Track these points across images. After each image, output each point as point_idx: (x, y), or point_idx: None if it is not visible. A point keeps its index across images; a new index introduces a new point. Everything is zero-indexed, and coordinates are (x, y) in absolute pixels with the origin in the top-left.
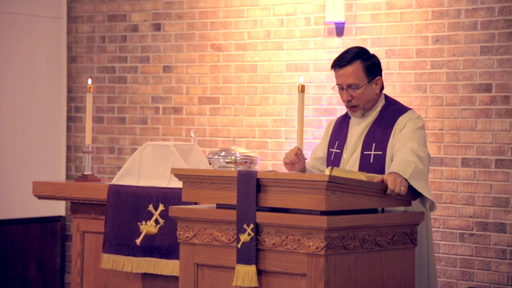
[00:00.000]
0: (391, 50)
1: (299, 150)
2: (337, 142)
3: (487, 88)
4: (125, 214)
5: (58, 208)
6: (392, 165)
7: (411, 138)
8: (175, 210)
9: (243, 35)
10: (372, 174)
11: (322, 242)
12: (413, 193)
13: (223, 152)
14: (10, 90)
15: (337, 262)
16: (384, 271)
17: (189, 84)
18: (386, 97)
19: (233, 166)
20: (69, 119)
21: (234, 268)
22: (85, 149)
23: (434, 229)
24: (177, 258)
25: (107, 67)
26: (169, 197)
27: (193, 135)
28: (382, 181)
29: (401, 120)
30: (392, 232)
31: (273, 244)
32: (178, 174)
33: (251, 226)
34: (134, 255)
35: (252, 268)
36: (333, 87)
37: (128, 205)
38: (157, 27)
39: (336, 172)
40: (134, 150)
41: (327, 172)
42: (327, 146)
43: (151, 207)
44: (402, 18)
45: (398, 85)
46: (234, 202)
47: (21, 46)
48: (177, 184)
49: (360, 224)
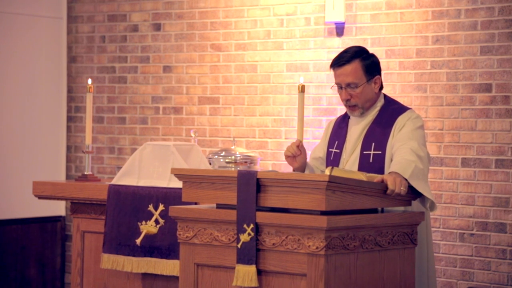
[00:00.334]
0: (391, 50)
1: (301, 143)
2: (337, 142)
3: (487, 88)
4: (125, 214)
5: (58, 208)
6: (392, 165)
7: (411, 138)
8: (175, 210)
9: (243, 35)
10: (372, 174)
11: (322, 242)
12: (413, 193)
13: (223, 152)
14: (10, 90)
15: (337, 262)
16: (384, 271)
17: (189, 84)
18: (385, 97)
19: (233, 166)
20: (69, 119)
21: (234, 268)
22: (85, 149)
23: (434, 229)
24: (177, 258)
25: (107, 67)
26: (169, 197)
27: (193, 135)
28: (382, 181)
29: (400, 120)
30: (392, 232)
31: (273, 244)
32: (178, 174)
33: (251, 226)
34: (134, 255)
35: (252, 268)
36: (332, 86)
37: (128, 205)
38: (157, 27)
39: (336, 172)
40: (134, 150)
41: (327, 172)
42: (327, 146)
43: (151, 207)
44: (402, 18)
45: (398, 85)
46: (234, 202)
47: (21, 46)
48: (177, 184)
49: (360, 224)
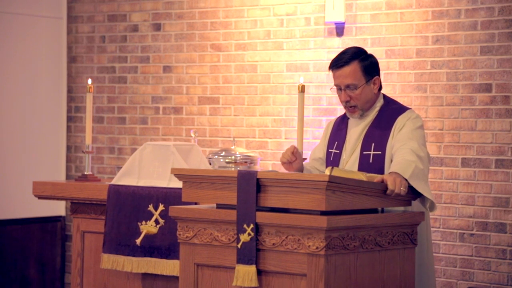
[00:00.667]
0: (391, 50)
1: (295, 149)
2: (336, 143)
3: (487, 88)
4: (125, 214)
5: (58, 208)
6: (392, 165)
7: (411, 138)
8: (175, 210)
9: (243, 35)
10: (372, 174)
11: (322, 242)
12: (413, 193)
13: (223, 152)
14: (10, 90)
15: (337, 262)
16: (384, 271)
17: (189, 84)
18: (385, 97)
19: (233, 166)
20: (69, 119)
21: (234, 268)
22: (85, 149)
23: (434, 229)
24: (177, 258)
25: (107, 67)
26: (169, 197)
27: (193, 135)
28: (382, 181)
29: (400, 120)
30: (392, 232)
31: (273, 244)
32: (178, 174)
33: (251, 226)
34: (134, 255)
35: (252, 268)
36: (331, 88)
37: (128, 205)
38: (157, 27)
39: (336, 172)
40: (134, 150)
41: (327, 172)
42: (326, 147)
43: (151, 207)
44: (402, 18)
45: (398, 85)
46: (234, 202)
47: (21, 46)
48: (177, 184)
49: (360, 224)
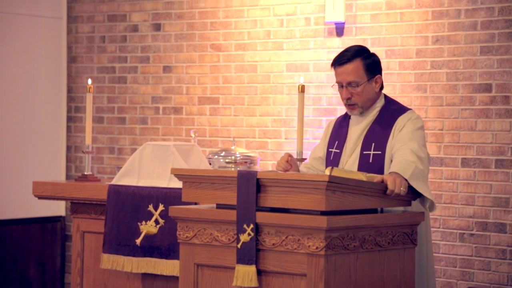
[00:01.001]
0: (391, 50)
1: (290, 157)
2: (337, 142)
3: (487, 88)
4: (125, 214)
5: (58, 208)
6: (392, 165)
7: (411, 138)
8: (175, 210)
9: (243, 35)
10: (372, 174)
11: (322, 242)
12: (413, 193)
13: (223, 152)
14: (10, 90)
15: (337, 262)
16: (384, 271)
17: (189, 84)
18: (386, 97)
19: (233, 166)
20: (69, 119)
21: (234, 268)
22: (85, 149)
23: (434, 229)
24: (177, 258)
25: (107, 67)
26: (169, 197)
27: (193, 135)
28: (382, 181)
29: (401, 120)
30: (392, 232)
31: (273, 244)
32: (178, 174)
33: (251, 226)
34: (134, 255)
35: (252, 268)
36: (333, 85)
37: (128, 205)
38: (157, 27)
39: (336, 172)
40: (134, 150)
41: (327, 172)
42: (327, 146)
43: (151, 207)
44: (402, 18)
45: (398, 85)
46: (234, 202)
47: (21, 46)
48: (177, 184)
49: (360, 224)
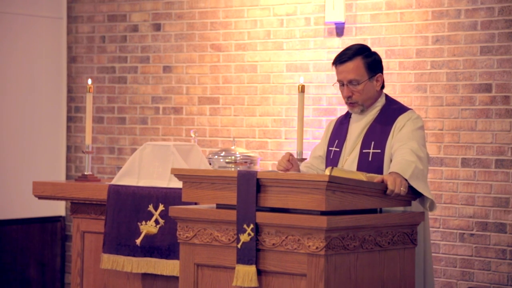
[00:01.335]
0: (391, 50)
1: (291, 156)
2: (337, 141)
3: (487, 88)
4: (125, 214)
5: (58, 208)
6: (392, 165)
7: (411, 138)
8: (175, 210)
9: (243, 35)
10: (372, 174)
11: (322, 242)
12: (413, 193)
13: (223, 152)
14: (10, 90)
15: (337, 262)
16: (384, 271)
17: (189, 84)
18: (387, 97)
19: (233, 166)
20: (69, 119)
21: (234, 268)
22: (85, 149)
23: (434, 229)
24: (177, 258)
25: (107, 67)
26: (169, 197)
27: (193, 135)
28: (382, 181)
29: (401, 120)
30: (392, 232)
31: (273, 244)
32: (178, 174)
33: (251, 226)
34: (134, 255)
35: (252, 268)
36: (334, 84)
37: (128, 205)
38: (157, 27)
39: (336, 172)
40: (134, 150)
41: (327, 172)
42: (327, 145)
43: (151, 207)
44: (402, 18)
45: (398, 85)
46: (234, 202)
47: (21, 46)
48: (177, 184)
49: (360, 224)
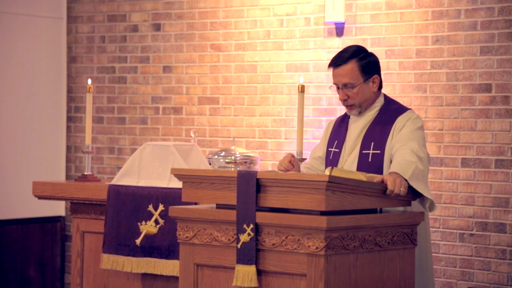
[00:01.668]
0: (391, 50)
1: (293, 157)
2: (336, 142)
3: (487, 88)
4: (125, 214)
5: (58, 208)
6: (392, 166)
7: (411, 138)
8: (175, 210)
9: (243, 35)
10: (372, 174)
11: (322, 242)
12: (413, 194)
13: (223, 152)
14: (10, 90)
15: (337, 262)
16: (384, 271)
17: (189, 84)
18: (385, 97)
19: (233, 166)
20: (69, 119)
21: (234, 268)
22: (85, 149)
23: (434, 229)
24: (177, 258)
25: (107, 67)
26: (169, 197)
27: (193, 135)
28: (382, 181)
29: (400, 120)
30: (392, 232)
31: (273, 244)
32: (178, 174)
33: (251, 226)
34: (134, 255)
35: (252, 268)
36: (330, 87)
37: (128, 205)
38: (157, 27)
39: (336, 172)
40: (134, 150)
41: (327, 172)
42: (326, 146)
43: (151, 207)
44: (402, 18)
45: (398, 85)
46: (234, 202)
47: (21, 46)
48: (177, 184)
49: (360, 224)
